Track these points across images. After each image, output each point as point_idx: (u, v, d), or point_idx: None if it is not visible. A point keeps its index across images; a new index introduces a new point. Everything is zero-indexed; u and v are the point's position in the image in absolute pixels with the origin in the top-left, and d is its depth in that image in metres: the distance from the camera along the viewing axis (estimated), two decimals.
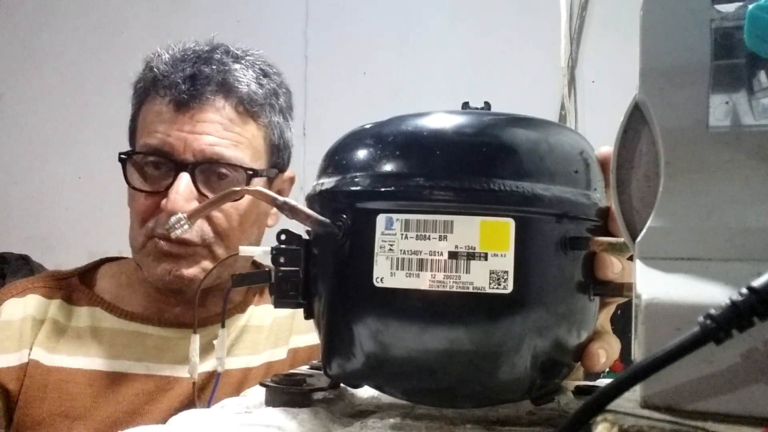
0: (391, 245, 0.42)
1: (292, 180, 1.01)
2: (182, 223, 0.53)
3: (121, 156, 0.92)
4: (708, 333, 0.30)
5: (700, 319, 0.30)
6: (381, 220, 0.42)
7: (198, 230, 0.88)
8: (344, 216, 0.44)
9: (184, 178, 0.86)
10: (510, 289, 0.41)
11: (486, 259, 0.41)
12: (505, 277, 0.41)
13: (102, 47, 2.45)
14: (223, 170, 0.89)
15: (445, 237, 0.41)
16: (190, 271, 0.90)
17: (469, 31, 2.24)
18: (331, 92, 2.36)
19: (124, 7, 2.56)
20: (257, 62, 0.96)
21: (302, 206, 0.47)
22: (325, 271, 0.47)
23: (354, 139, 0.47)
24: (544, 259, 0.42)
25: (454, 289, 0.41)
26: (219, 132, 0.89)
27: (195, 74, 0.89)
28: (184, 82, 0.89)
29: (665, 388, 0.34)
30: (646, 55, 0.38)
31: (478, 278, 0.41)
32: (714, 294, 0.33)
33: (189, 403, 0.87)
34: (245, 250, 0.53)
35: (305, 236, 0.48)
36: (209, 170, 0.88)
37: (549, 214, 0.42)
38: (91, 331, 0.92)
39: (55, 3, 2.55)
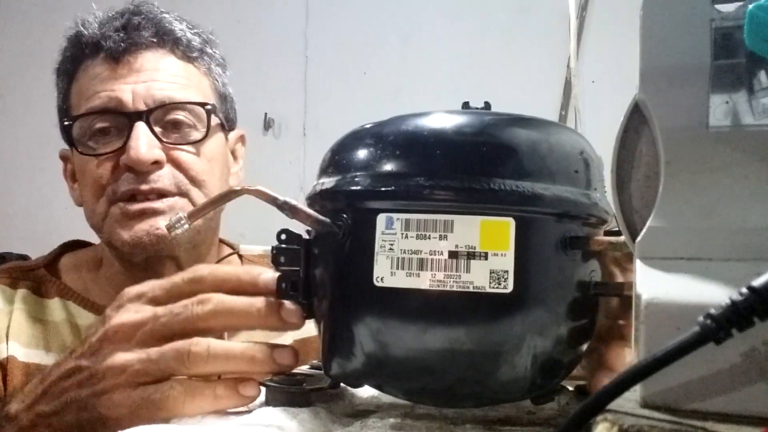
0: (392, 245, 0.42)
1: (243, 138, 0.97)
2: (182, 222, 0.53)
3: (65, 123, 0.86)
4: (708, 333, 0.30)
5: (700, 318, 0.30)
6: (381, 219, 0.42)
7: (171, 178, 0.82)
8: (345, 216, 0.44)
9: (141, 126, 0.81)
10: (510, 288, 0.41)
11: (486, 259, 0.41)
12: (506, 276, 0.41)
13: None
14: (180, 114, 0.84)
15: (446, 236, 0.41)
16: None
17: (469, 31, 2.24)
18: (331, 92, 2.36)
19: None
20: (184, 18, 0.93)
21: (302, 206, 0.47)
22: (326, 270, 0.47)
23: (354, 138, 0.47)
24: (544, 259, 0.42)
25: (455, 289, 0.41)
26: (165, 77, 0.84)
27: (127, 24, 0.85)
28: (117, 32, 0.84)
29: (665, 388, 0.34)
30: (646, 55, 0.38)
31: (478, 278, 0.41)
32: (714, 294, 0.33)
33: None
34: (247, 249, 0.54)
35: (305, 236, 0.49)
36: (164, 116, 0.84)
37: (549, 214, 0.42)
38: (68, 326, 0.87)
39: (56, 4, 2.55)
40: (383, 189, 0.42)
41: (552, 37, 2.13)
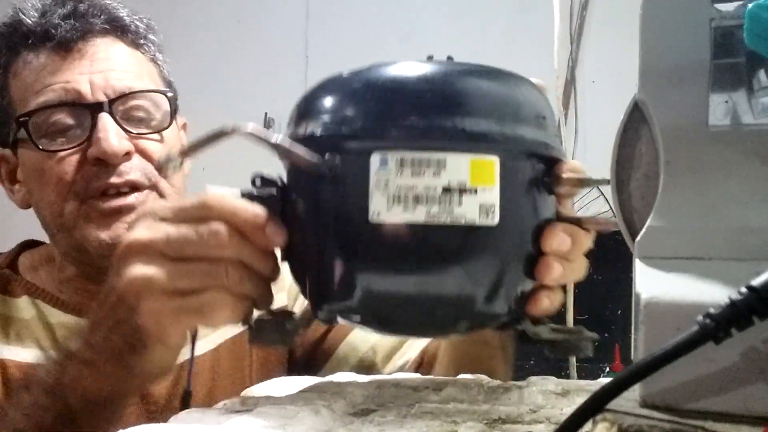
0: (387, 182, 0.43)
1: (185, 126, 0.93)
2: (175, 159, 0.52)
3: (21, 119, 0.78)
4: (707, 332, 0.30)
5: (700, 318, 0.30)
6: (376, 158, 0.44)
7: (141, 169, 0.79)
8: (333, 157, 0.45)
9: (106, 117, 0.76)
10: (497, 221, 0.44)
11: (476, 194, 0.44)
12: (493, 209, 0.44)
13: None
14: (140, 103, 0.80)
15: (439, 173, 0.44)
16: None
17: (469, 31, 2.24)
18: None
19: (126, 6, 2.55)
20: (124, 5, 0.87)
21: (297, 147, 0.46)
22: (311, 212, 0.47)
23: (335, 84, 0.48)
24: (522, 194, 0.46)
25: (448, 222, 0.44)
26: (120, 65, 0.80)
27: (74, 11, 0.80)
28: (65, 20, 0.79)
29: (665, 387, 0.34)
30: (646, 55, 0.38)
31: (468, 211, 0.44)
32: (713, 293, 0.33)
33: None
34: (214, 189, 0.52)
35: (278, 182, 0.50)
36: (125, 106, 0.79)
37: (527, 154, 0.46)
38: (41, 325, 0.82)
39: None
40: (377, 130, 0.44)
41: (552, 37, 2.13)
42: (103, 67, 0.79)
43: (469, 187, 0.44)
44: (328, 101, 0.47)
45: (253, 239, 0.49)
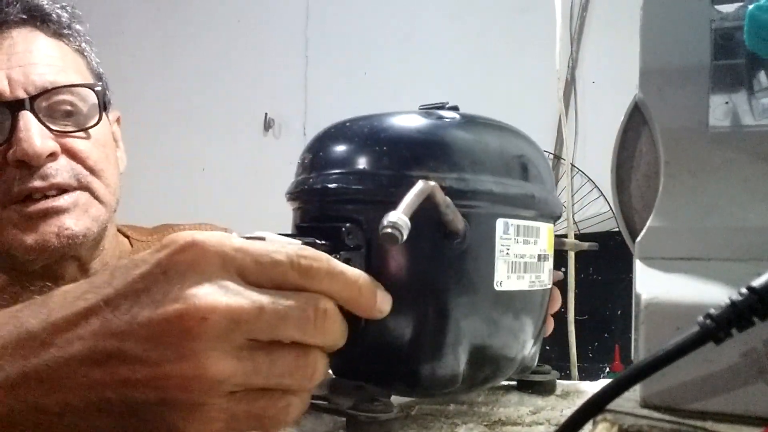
0: (508, 249, 0.44)
1: (119, 120, 0.87)
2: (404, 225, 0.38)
3: None
4: (708, 333, 0.30)
5: (700, 318, 0.30)
6: (500, 224, 0.44)
7: (69, 170, 0.73)
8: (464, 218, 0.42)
9: (27, 115, 0.70)
10: (551, 283, 0.49)
11: (548, 260, 0.48)
12: (551, 273, 0.49)
13: (102, 47, 2.45)
14: (64, 99, 0.74)
15: (536, 242, 0.46)
16: (82, 224, 0.73)
17: (469, 31, 2.24)
18: (331, 92, 2.36)
19: (125, 7, 2.56)
20: None
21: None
22: (424, 273, 0.43)
23: (469, 139, 0.45)
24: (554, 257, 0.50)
25: (536, 287, 0.46)
26: (41, 59, 0.74)
27: None
28: None
29: (665, 388, 0.34)
30: (646, 56, 0.38)
31: (545, 277, 0.47)
32: (714, 294, 0.33)
33: None
34: (268, 235, 0.38)
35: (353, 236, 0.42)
36: (47, 103, 0.73)
37: (554, 218, 0.50)
38: None
39: None
40: (501, 195, 0.44)
41: (552, 37, 2.13)
42: (22, 61, 0.73)
43: (547, 253, 0.47)
44: (458, 155, 0.43)
45: (358, 312, 0.39)
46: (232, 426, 0.35)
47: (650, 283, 0.35)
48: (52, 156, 0.72)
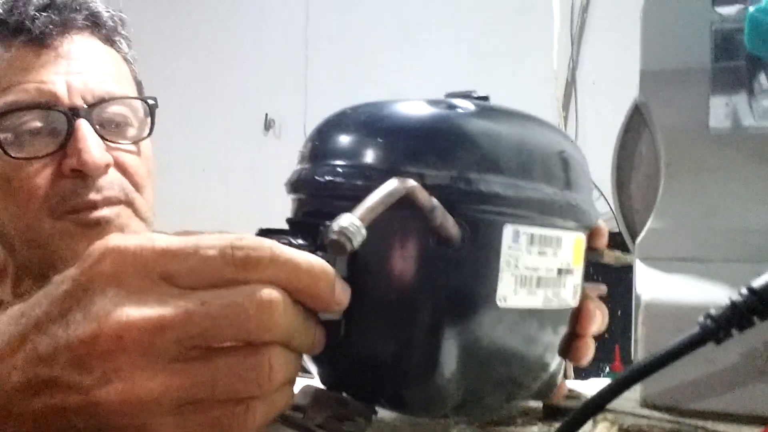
0: (517, 261, 0.38)
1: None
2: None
3: None
4: (708, 333, 0.30)
5: (700, 319, 0.31)
6: (509, 231, 0.38)
7: (118, 184, 0.71)
8: (463, 225, 0.38)
9: (85, 125, 0.69)
10: (578, 302, 0.41)
11: (572, 274, 0.40)
12: (578, 290, 0.40)
13: None
14: (118, 110, 0.73)
15: (556, 254, 0.39)
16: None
17: (470, 32, 2.24)
18: (331, 92, 2.36)
19: (125, 6, 2.56)
20: None
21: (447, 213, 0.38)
22: (409, 283, 0.39)
23: (468, 132, 0.40)
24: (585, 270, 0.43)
25: (554, 306, 0.40)
26: (99, 66, 0.73)
27: (51, 2, 0.72)
28: (41, 12, 0.71)
29: (665, 388, 0.34)
30: (647, 57, 0.39)
31: (568, 294, 0.40)
32: (714, 294, 0.33)
33: None
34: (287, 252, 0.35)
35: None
36: (105, 113, 0.72)
37: (589, 228, 0.43)
38: None
39: None
40: (512, 198, 0.37)
41: (552, 37, 2.13)
42: (81, 67, 0.72)
43: (571, 267, 0.40)
44: (459, 150, 0.38)
45: (313, 305, 0.35)
46: None
47: (650, 284, 0.35)
48: (106, 168, 0.71)
